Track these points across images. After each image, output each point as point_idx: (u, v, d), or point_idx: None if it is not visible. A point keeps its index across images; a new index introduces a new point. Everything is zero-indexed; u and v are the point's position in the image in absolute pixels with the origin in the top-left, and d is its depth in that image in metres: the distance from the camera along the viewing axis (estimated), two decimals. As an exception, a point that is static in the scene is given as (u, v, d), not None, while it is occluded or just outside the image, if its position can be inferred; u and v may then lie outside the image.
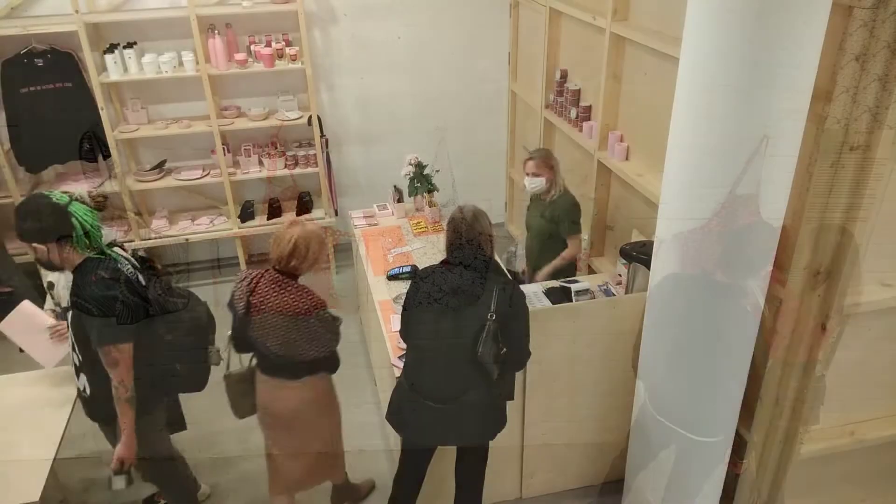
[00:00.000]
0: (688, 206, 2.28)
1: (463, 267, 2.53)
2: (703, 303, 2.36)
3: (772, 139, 2.06)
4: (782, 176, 2.15)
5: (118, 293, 2.44)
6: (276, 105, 4.90)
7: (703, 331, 2.41)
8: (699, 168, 2.20)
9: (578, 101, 4.14)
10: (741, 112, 2.04)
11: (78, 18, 4.18)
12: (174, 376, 2.77)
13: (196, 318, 2.79)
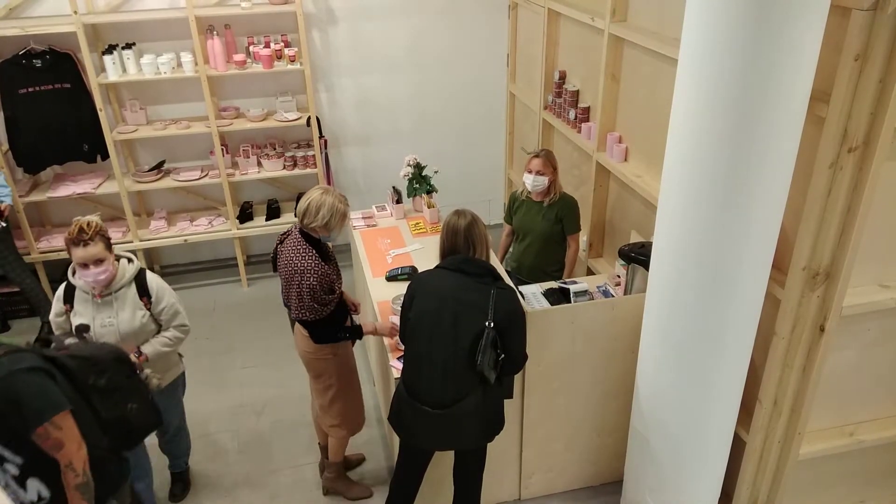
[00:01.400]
0: (686, 207, 2.28)
1: (459, 272, 2.53)
2: (702, 304, 2.36)
3: (770, 140, 2.06)
4: (781, 177, 2.16)
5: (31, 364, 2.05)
6: (274, 106, 4.90)
7: (702, 332, 2.41)
8: (697, 169, 2.20)
9: (577, 102, 4.14)
10: (740, 113, 2.04)
11: (77, 19, 4.17)
12: (129, 428, 2.30)
13: (111, 349, 2.39)
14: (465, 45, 5.16)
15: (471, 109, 5.39)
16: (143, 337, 2.78)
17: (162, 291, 2.81)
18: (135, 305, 2.74)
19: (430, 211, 4.12)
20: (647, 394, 2.74)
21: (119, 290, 2.71)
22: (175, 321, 2.86)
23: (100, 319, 2.70)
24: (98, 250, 2.57)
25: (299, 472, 3.52)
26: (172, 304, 2.84)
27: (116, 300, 2.71)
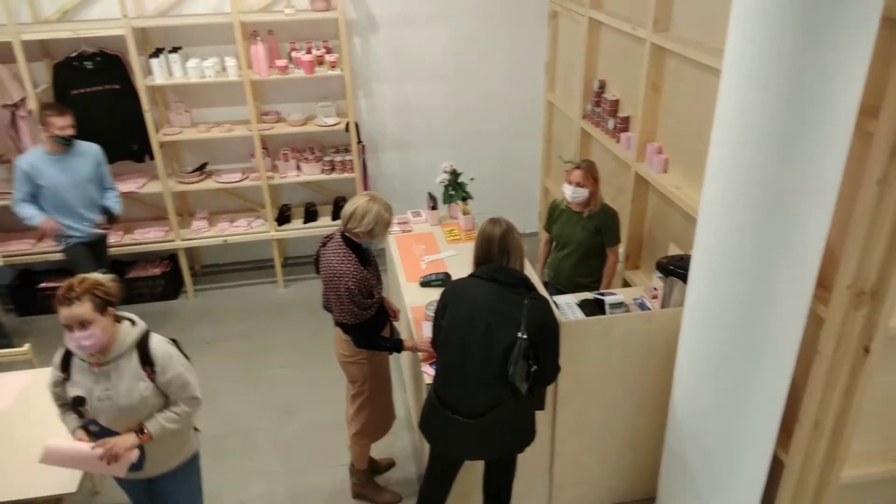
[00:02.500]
0: (728, 221, 2.23)
1: (493, 282, 2.52)
2: (742, 320, 2.31)
3: (817, 154, 2.01)
4: (827, 192, 2.10)
5: None
6: (314, 111, 4.97)
7: (742, 349, 2.36)
8: (740, 182, 2.16)
9: (616, 112, 4.10)
10: (785, 126, 2.00)
11: (126, 23, 4.30)
12: None
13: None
14: (503, 53, 5.16)
15: (508, 117, 5.39)
16: (145, 412, 2.38)
17: (167, 360, 2.39)
18: (136, 376, 2.33)
19: (466, 218, 4.13)
20: (683, 410, 2.69)
21: (118, 358, 2.32)
22: (184, 393, 2.45)
23: (97, 391, 2.32)
24: (83, 311, 2.19)
25: (330, 473, 3.54)
26: (180, 374, 2.42)
27: (115, 370, 2.32)
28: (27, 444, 2.71)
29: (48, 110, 3.84)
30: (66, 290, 2.22)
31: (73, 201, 3.99)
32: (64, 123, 3.83)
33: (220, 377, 4.28)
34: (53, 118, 3.80)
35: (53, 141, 3.85)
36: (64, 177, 3.94)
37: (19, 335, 4.60)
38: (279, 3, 4.67)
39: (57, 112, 3.83)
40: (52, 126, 3.80)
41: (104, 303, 2.25)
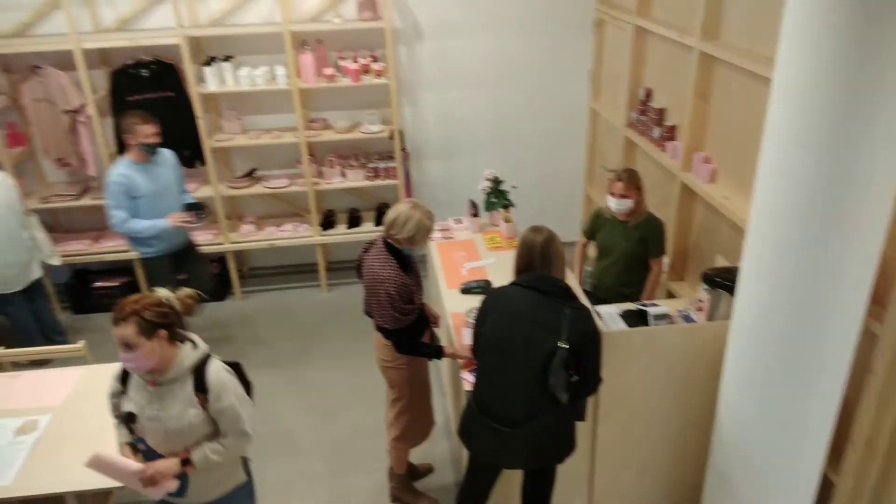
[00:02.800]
0: (778, 233, 2.18)
1: (533, 290, 2.51)
2: (792, 335, 2.25)
3: (871, 165, 1.95)
4: (882, 204, 2.03)
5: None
6: (360, 118, 5.04)
7: (791, 365, 2.30)
8: (791, 193, 2.11)
9: (662, 121, 4.05)
10: (838, 137, 1.95)
11: (181, 32, 4.44)
12: None
13: None
14: (547, 61, 5.15)
15: (551, 125, 5.37)
16: (193, 438, 2.29)
17: (222, 389, 2.28)
18: (188, 401, 2.25)
19: (507, 226, 4.12)
20: (729, 426, 2.63)
21: (173, 381, 2.24)
22: (235, 427, 2.33)
23: (148, 410, 2.26)
24: (127, 333, 2.12)
25: (369, 476, 3.57)
26: (233, 405, 2.30)
27: (169, 392, 2.25)
28: (79, 439, 2.81)
29: (134, 118, 3.79)
30: (117, 307, 2.17)
31: (163, 210, 3.92)
32: (149, 131, 3.79)
33: (264, 378, 4.35)
34: (139, 126, 3.76)
35: (139, 149, 3.80)
36: (153, 185, 3.89)
37: (74, 332, 4.78)
38: (328, 12, 4.76)
39: (142, 120, 3.78)
40: (139, 134, 3.76)
41: (153, 326, 2.14)
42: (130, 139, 3.80)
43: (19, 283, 4.13)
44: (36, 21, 4.62)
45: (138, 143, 3.78)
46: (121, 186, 3.79)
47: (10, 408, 3.00)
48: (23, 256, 4.13)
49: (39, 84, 4.59)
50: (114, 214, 3.84)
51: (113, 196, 3.81)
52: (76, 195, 4.92)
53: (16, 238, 4.06)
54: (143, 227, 3.87)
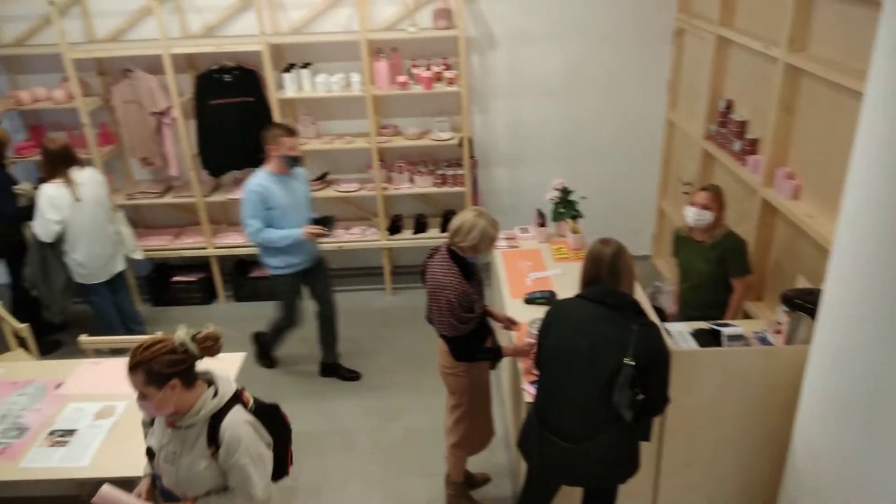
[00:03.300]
0: (865, 255, 2.06)
1: (600, 304, 2.45)
2: (879, 364, 2.11)
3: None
4: None
5: None
6: (430, 125, 5.08)
7: (877, 395, 2.15)
8: (880, 214, 1.98)
9: (743, 133, 3.90)
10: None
11: (263, 39, 4.60)
12: None
13: None
14: (623, 71, 5.05)
15: (625, 136, 5.26)
16: (202, 488, 2.17)
17: (235, 445, 2.10)
18: (200, 452, 2.12)
19: (574, 237, 4.06)
20: (804, 458, 2.49)
21: (189, 426, 2.12)
22: (244, 489, 2.14)
23: (165, 451, 2.18)
24: (135, 382, 2.03)
25: (426, 481, 3.58)
26: (243, 466, 2.11)
27: (185, 438, 2.14)
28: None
29: (279, 129, 3.78)
30: (131, 353, 2.05)
31: (294, 223, 3.90)
32: (293, 143, 3.79)
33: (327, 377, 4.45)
34: (284, 138, 3.75)
35: (281, 161, 3.79)
36: (289, 198, 3.89)
37: (152, 323, 5.01)
38: (404, 21, 4.83)
39: (287, 132, 3.78)
40: (283, 146, 3.75)
41: (163, 377, 2.02)
42: (273, 150, 3.79)
43: (104, 275, 4.35)
44: (129, 27, 4.88)
45: (281, 154, 3.77)
46: (258, 196, 3.78)
47: (91, 392, 3.16)
48: (109, 249, 4.35)
49: (129, 87, 4.84)
50: (250, 223, 3.83)
51: (250, 205, 3.80)
52: (159, 193, 5.16)
53: (103, 231, 4.29)
54: (278, 236, 3.86)
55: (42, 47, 4.81)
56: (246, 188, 3.85)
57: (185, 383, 2.08)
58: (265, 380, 4.37)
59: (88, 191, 4.15)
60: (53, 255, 4.19)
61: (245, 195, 3.84)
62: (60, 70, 4.71)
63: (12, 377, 3.30)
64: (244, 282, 5.35)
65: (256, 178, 3.83)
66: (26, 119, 5.13)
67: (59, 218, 4.05)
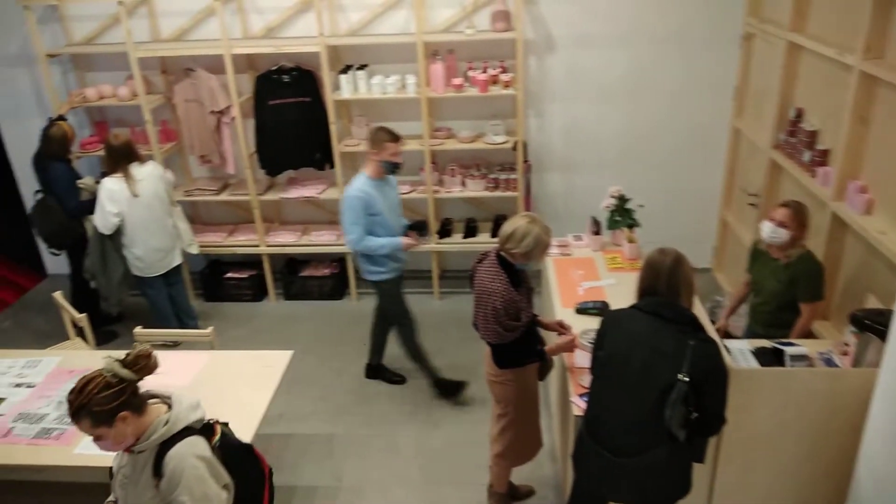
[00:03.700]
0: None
1: (655, 316, 2.36)
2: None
3: None
4: None
5: None
6: (484, 129, 5.04)
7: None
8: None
9: (814, 144, 3.72)
10: None
11: (321, 41, 4.64)
12: None
13: None
14: (687, 76, 4.90)
15: (687, 143, 5.10)
16: None
17: (176, 480, 1.96)
18: (147, 482, 2.02)
19: (630, 246, 3.95)
20: (868, 487, 2.34)
21: (141, 452, 2.02)
22: None
23: (122, 474, 2.10)
24: (84, 429, 1.96)
25: (468, 490, 3.52)
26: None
27: (138, 464, 2.04)
28: (201, 419, 2.96)
29: (385, 134, 3.70)
30: (68, 401, 1.96)
31: (392, 231, 3.85)
32: (397, 149, 3.72)
33: (372, 379, 4.44)
34: (389, 143, 3.68)
35: (381, 166, 3.72)
36: (386, 203, 3.83)
37: (204, 318, 5.11)
38: (461, 23, 4.81)
39: (392, 138, 3.71)
40: (387, 151, 3.68)
41: (109, 413, 1.93)
42: (374, 155, 3.70)
43: (161, 268, 4.47)
44: (192, 27, 5.01)
45: (383, 160, 3.69)
46: (361, 202, 3.68)
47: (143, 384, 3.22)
48: (167, 243, 4.46)
49: (191, 85, 4.96)
50: (352, 231, 3.73)
51: (352, 211, 3.69)
52: (216, 191, 5.26)
53: (161, 226, 4.40)
54: (380, 244, 3.76)
55: (109, 46, 4.98)
56: (347, 194, 3.73)
57: (134, 411, 1.99)
58: (309, 379, 4.40)
59: (147, 186, 4.27)
60: (113, 247, 4.32)
61: (347, 201, 3.72)
62: (126, 68, 4.87)
63: (70, 365, 3.40)
64: (294, 280, 5.41)
65: (357, 183, 3.73)
66: (92, 115, 5.32)
67: (118, 211, 4.19)
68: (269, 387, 3.15)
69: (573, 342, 3.02)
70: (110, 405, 1.93)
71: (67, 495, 3.54)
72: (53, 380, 3.29)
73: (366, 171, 3.76)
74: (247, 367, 3.33)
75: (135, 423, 2.00)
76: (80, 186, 4.50)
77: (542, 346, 3.02)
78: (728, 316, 3.72)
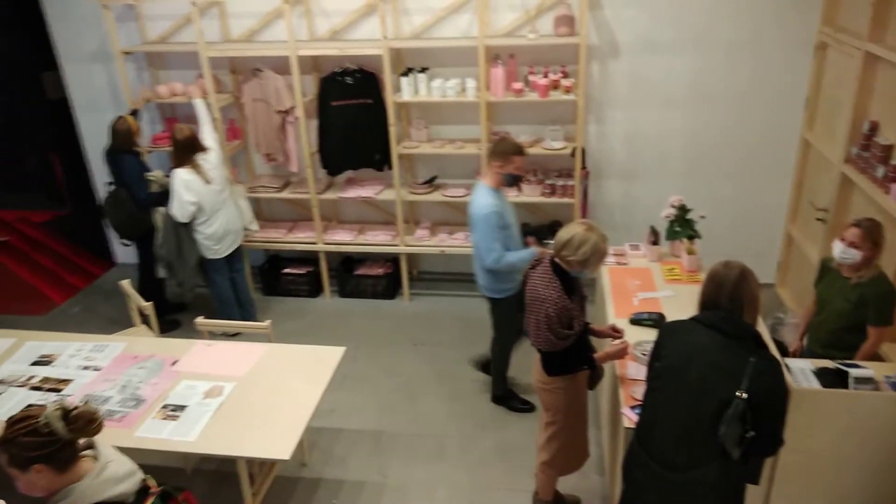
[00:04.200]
0: None
1: (715, 330, 2.30)
2: None
3: None
4: None
5: None
6: (542, 134, 5.01)
7: None
8: None
9: (888, 159, 3.55)
10: None
11: (385, 44, 4.71)
12: None
13: None
14: (756, 85, 4.75)
15: (753, 154, 4.95)
16: None
17: None
18: None
19: (690, 258, 3.86)
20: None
21: None
22: None
23: None
24: (2, 460, 1.82)
25: (513, 497, 3.51)
26: None
27: None
28: (254, 410, 3.05)
29: (512, 147, 3.53)
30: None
31: (515, 241, 3.72)
32: (522, 164, 3.57)
33: (422, 379, 4.47)
34: (516, 157, 3.51)
35: (503, 178, 3.54)
36: (510, 215, 3.71)
37: (262, 311, 5.25)
38: (524, 27, 4.79)
39: (520, 151, 3.55)
40: (513, 164, 3.51)
41: (25, 461, 1.79)
42: (499, 167, 3.51)
43: (229, 249, 4.74)
44: (261, 28, 5.15)
45: (507, 172, 3.52)
46: (497, 216, 3.50)
47: (203, 372, 3.34)
48: (236, 224, 4.79)
49: (258, 85, 5.11)
50: (493, 248, 3.53)
51: (491, 228, 3.51)
52: (278, 188, 5.40)
53: (231, 207, 4.73)
54: (518, 258, 3.57)
55: (182, 45, 5.18)
56: (480, 212, 3.51)
57: (54, 466, 1.82)
58: (360, 376, 4.46)
59: (217, 172, 4.56)
60: (186, 234, 4.58)
61: (482, 219, 3.51)
62: (196, 67, 5.05)
63: (134, 351, 3.55)
64: (349, 279, 5.50)
65: (486, 198, 3.51)
66: (163, 112, 5.54)
67: (195, 199, 4.44)
68: (322, 381, 3.22)
69: (625, 349, 2.98)
70: (29, 453, 1.79)
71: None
72: (118, 364, 3.44)
73: (485, 181, 3.58)
74: (301, 360, 3.40)
75: (49, 478, 1.83)
76: (150, 179, 4.70)
77: (590, 355, 2.99)
78: (802, 336, 3.56)
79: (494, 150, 3.57)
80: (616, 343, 3.02)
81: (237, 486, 3.13)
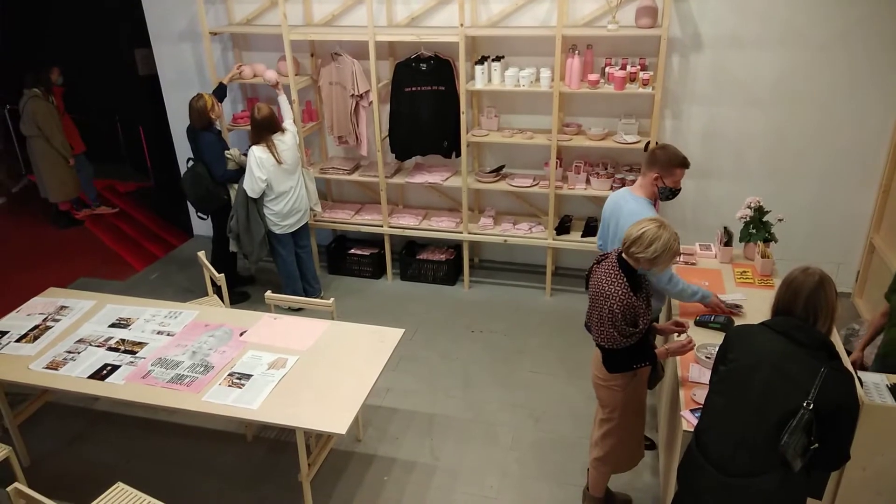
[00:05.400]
0: None
1: (786, 337, 2.22)
2: None
3: None
4: None
5: None
6: (615, 127, 4.92)
7: None
8: None
9: None
10: None
11: (461, 31, 4.71)
12: None
13: None
14: (845, 84, 4.52)
15: (837, 157, 4.71)
16: None
17: None
18: None
19: (763, 261, 3.72)
20: None
21: None
22: None
23: None
24: None
25: (563, 490, 3.50)
26: None
27: None
28: (318, 383, 3.15)
29: (678, 160, 3.20)
30: None
31: None
32: (680, 178, 3.25)
33: (477, 365, 4.50)
34: (679, 170, 3.21)
35: (660, 192, 3.25)
36: None
37: (326, 289, 5.40)
38: (604, 18, 4.70)
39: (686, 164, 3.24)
40: (675, 176, 3.20)
41: None
42: (658, 178, 3.21)
43: (295, 227, 4.92)
44: (342, 13, 5.25)
45: (667, 186, 3.23)
46: None
47: (268, 344, 3.47)
48: (303, 204, 4.95)
49: (336, 69, 5.21)
50: (673, 274, 3.23)
51: None
52: (349, 171, 5.51)
53: (300, 188, 4.88)
54: (691, 292, 3.27)
55: (266, 27, 5.34)
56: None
57: None
58: (417, 359, 4.53)
59: (290, 154, 4.71)
60: (256, 209, 4.77)
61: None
62: (279, 49, 5.19)
63: (206, 319, 3.72)
64: (411, 262, 5.57)
65: (645, 210, 3.17)
66: (245, 92, 5.74)
67: (265, 177, 4.62)
68: (380, 361, 3.29)
69: (689, 345, 2.91)
70: None
71: (193, 438, 3.90)
72: (190, 331, 3.61)
73: (637, 192, 3.29)
74: (362, 339, 3.48)
75: None
76: (227, 157, 4.89)
77: (651, 352, 2.93)
78: (864, 346, 3.42)
79: (655, 158, 3.21)
80: (681, 338, 2.94)
81: (294, 456, 3.24)
